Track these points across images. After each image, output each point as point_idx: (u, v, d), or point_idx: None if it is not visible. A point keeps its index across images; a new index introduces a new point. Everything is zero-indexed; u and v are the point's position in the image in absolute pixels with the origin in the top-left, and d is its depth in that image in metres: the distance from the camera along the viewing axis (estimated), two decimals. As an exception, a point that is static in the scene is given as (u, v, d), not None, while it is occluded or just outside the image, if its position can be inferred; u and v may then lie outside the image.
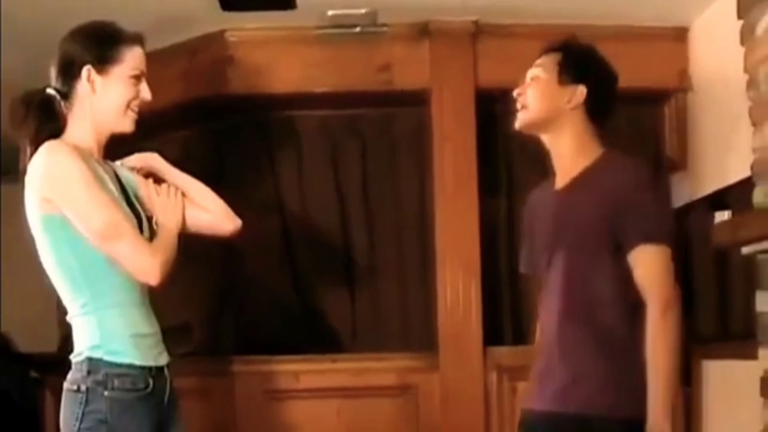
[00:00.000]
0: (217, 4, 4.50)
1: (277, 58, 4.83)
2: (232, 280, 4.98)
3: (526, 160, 5.03)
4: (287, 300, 4.94)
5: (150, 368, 3.00)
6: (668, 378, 3.02)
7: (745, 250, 3.74)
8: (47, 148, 2.95)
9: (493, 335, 4.81)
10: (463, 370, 4.73)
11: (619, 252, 3.08)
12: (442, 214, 4.79)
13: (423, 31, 4.82)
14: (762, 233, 3.50)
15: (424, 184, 4.92)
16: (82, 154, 2.96)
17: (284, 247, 4.98)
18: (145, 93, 3.12)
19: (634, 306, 3.07)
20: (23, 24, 4.45)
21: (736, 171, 4.20)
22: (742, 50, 3.82)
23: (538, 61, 3.34)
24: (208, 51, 4.87)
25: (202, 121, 5.10)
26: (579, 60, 3.30)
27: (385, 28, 4.84)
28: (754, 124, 3.74)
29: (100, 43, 3.06)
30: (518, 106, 3.31)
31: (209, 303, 5.07)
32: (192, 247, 3.30)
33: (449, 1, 4.63)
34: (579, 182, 3.22)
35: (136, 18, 3.39)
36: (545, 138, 3.31)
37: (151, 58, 3.22)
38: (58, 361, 3.28)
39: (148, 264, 2.97)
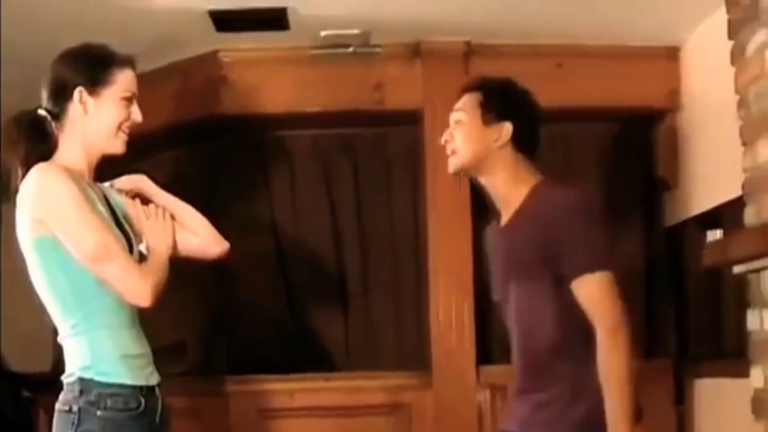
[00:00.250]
0: (211, 25, 4.53)
1: (270, 78, 4.84)
2: (226, 300, 4.98)
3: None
4: (281, 319, 4.95)
5: (141, 387, 3.00)
6: (622, 399, 2.99)
7: (737, 269, 3.74)
8: (38, 169, 2.96)
9: (485, 354, 4.82)
10: (456, 388, 4.74)
11: (561, 281, 3.08)
12: (435, 234, 4.80)
13: (415, 51, 4.85)
14: (753, 252, 3.51)
15: (417, 204, 4.94)
16: (72, 175, 2.97)
17: (278, 266, 4.98)
18: (136, 115, 3.12)
19: (584, 327, 3.07)
20: (20, 46, 4.47)
21: (728, 190, 4.21)
22: (732, 70, 3.83)
23: (459, 104, 3.31)
24: (201, 71, 4.89)
25: (195, 142, 5.11)
26: (500, 97, 3.28)
27: (378, 49, 4.86)
28: (744, 144, 3.75)
29: (92, 65, 3.07)
30: (448, 151, 3.30)
31: (203, 323, 5.07)
32: (185, 267, 3.31)
33: (441, 22, 4.65)
34: (518, 216, 3.22)
35: (130, 38, 3.42)
36: (481, 179, 3.30)
37: (144, 78, 3.23)
38: (52, 380, 3.28)
39: (139, 286, 2.97)
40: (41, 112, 3.07)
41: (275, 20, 4.54)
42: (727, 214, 4.29)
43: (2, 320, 6.74)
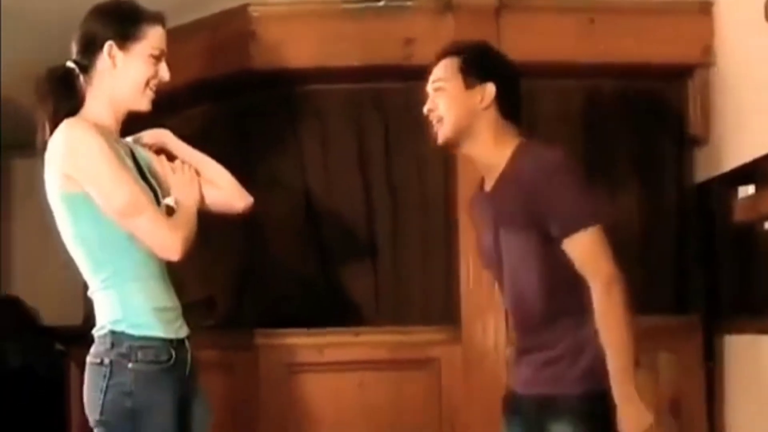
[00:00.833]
0: (241, -20, 4.52)
1: (300, 33, 4.82)
2: (256, 255, 4.99)
3: (548, 134, 5.03)
4: (310, 274, 4.96)
5: (172, 341, 3.03)
6: (624, 351, 3.03)
7: (768, 225, 3.74)
8: (68, 125, 2.97)
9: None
10: (485, 344, 4.74)
11: (551, 239, 3.11)
12: (465, 189, 4.78)
13: (447, 5, 4.82)
14: (785, 208, 3.50)
15: (447, 158, 4.92)
16: (101, 131, 2.98)
17: (307, 221, 4.99)
18: (164, 72, 3.14)
19: (578, 283, 3.10)
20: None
21: (760, 146, 4.19)
22: (766, 26, 3.80)
23: (438, 72, 3.36)
24: (231, 26, 4.87)
25: (224, 98, 5.11)
26: (480, 59, 3.32)
27: (408, 3, 4.84)
28: (777, 100, 3.74)
29: (122, 20, 3.08)
30: (433, 121, 3.34)
31: (233, 278, 5.09)
32: (214, 223, 3.32)
33: (473, -23, 4.63)
34: (501, 180, 3.25)
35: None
36: (466, 147, 3.32)
37: (173, 34, 3.24)
38: (83, 334, 3.31)
39: (169, 240, 2.99)
40: (70, 64, 3.08)
41: (306, -26, 4.53)
42: (759, 170, 4.26)
43: (34, 275, 6.79)
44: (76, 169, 2.94)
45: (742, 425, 4.58)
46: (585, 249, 3.08)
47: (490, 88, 3.26)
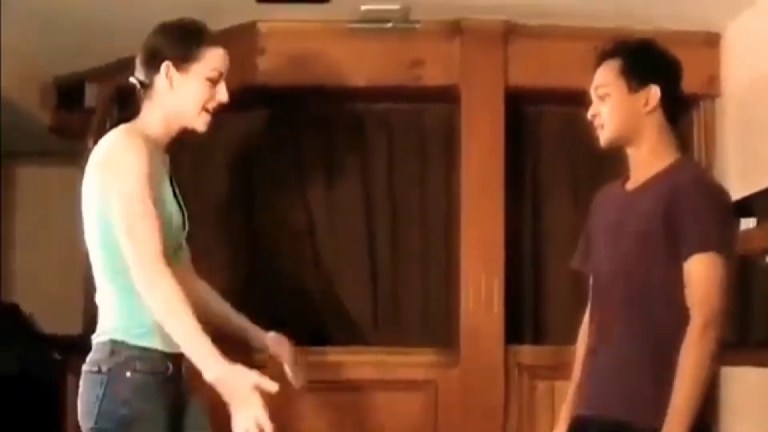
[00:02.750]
0: (251, -5, 4.53)
1: (309, 51, 4.84)
2: (255, 272, 4.99)
3: (553, 158, 5.05)
4: (310, 291, 4.96)
5: (170, 354, 3.03)
6: (691, 396, 2.91)
7: (770, 258, 3.74)
8: (118, 133, 3.01)
9: (514, 334, 4.82)
10: (483, 367, 4.74)
11: (675, 256, 3.00)
12: (467, 211, 4.80)
13: (455, 28, 4.83)
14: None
15: (451, 180, 4.94)
16: (148, 142, 3.01)
17: (309, 239, 4.99)
18: (222, 95, 3.17)
19: (686, 315, 2.98)
20: (57, 14, 4.49)
21: (763, 179, 4.20)
22: (773, 59, 3.82)
23: (599, 78, 3.22)
24: (239, 42, 4.87)
25: (230, 112, 5.10)
26: (643, 60, 3.19)
27: (417, 25, 4.85)
28: (781, 133, 3.74)
29: (182, 40, 3.12)
30: (596, 126, 3.22)
31: (231, 294, 5.08)
32: (214, 237, 3.32)
33: (481, 0, 4.64)
34: (648, 184, 3.15)
35: (168, 6, 3.42)
36: (629, 149, 3.22)
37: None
38: (82, 343, 3.31)
39: (146, 281, 2.96)
40: (132, 79, 3.11)
41: (316, -8, 4.55)
42: (762, 202, 4.27)
43: (33, 282, 6.79)
44: (109, 176, 2.96)
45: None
46: (701, 274, 2.97)
47: (655, 91, 3.14)
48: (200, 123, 3.16)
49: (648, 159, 3.17)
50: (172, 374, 3.05)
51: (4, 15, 4.46)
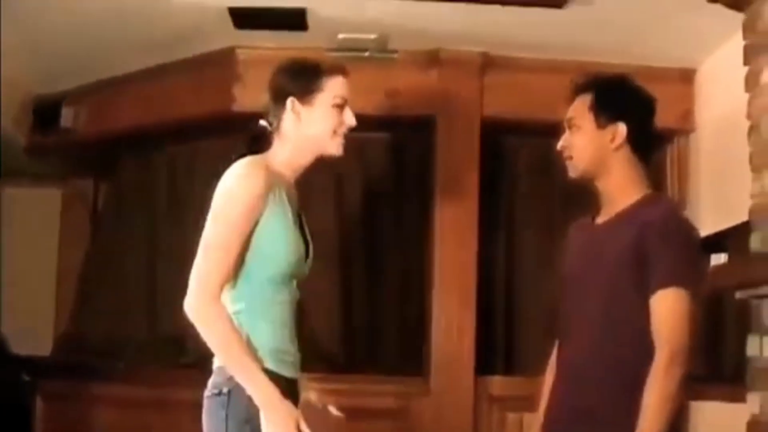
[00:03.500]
0: (230, 22, 4.54)
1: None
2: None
3: (527, 190, 5.07)
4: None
5: (283, 378, 3.07)
6: (656, 430, 2.93)
7: (740, 294, 3.75)
8: (240, 163, 3.11)
9: (486, 364, 4.83)
10: (454, 397, 4.74)
11: (644, 290, 3.03)
12: (440, 242, 4.81)
13: (432, 59, 4.86)
14: (758, 278, 3.52)
15: (426, 211, 4.95)
16: (273, 176, 3.09)
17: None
18: (349, 119, 3.28)
19: (652, 349, 3.00)
20: (40, 38, 4.49)
21: (735, 215, 4.22)
22: (746, 96, 3.84)
23: (571, 110, 3.26)
24: (217, 67, 4.90)
25: (206, 138, 5.12)
26: (612, 97, 3.22)
27: (394, 55, 4.87)
28: (753, 170, 3.76)
29: (302, 76, 3.24)
30: (565, 158, 3.26)
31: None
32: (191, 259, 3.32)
33: (459, 31, 4.67)
34: (616, 219, 3.18)
35: (149, 30, 3.43)
36: (597, 182, 3.25)
37: (160, 71, 3.26)
38: (51, 365, 3.30)
39: (194, 310, 3.02)
40: (263, 123, 3.26)
41: (294, 20, 4.57)
42: (733, 239, 4.29)
43: (3, 304, 6.77)
44: (217, 198, 3.07)
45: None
46: (667, 309, 2.99)
47: (621, 128, 3.17)
48: (334, 147, 3.28)
49: (616, 194, 3.21)
50: (285, 395, 3.06)
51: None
